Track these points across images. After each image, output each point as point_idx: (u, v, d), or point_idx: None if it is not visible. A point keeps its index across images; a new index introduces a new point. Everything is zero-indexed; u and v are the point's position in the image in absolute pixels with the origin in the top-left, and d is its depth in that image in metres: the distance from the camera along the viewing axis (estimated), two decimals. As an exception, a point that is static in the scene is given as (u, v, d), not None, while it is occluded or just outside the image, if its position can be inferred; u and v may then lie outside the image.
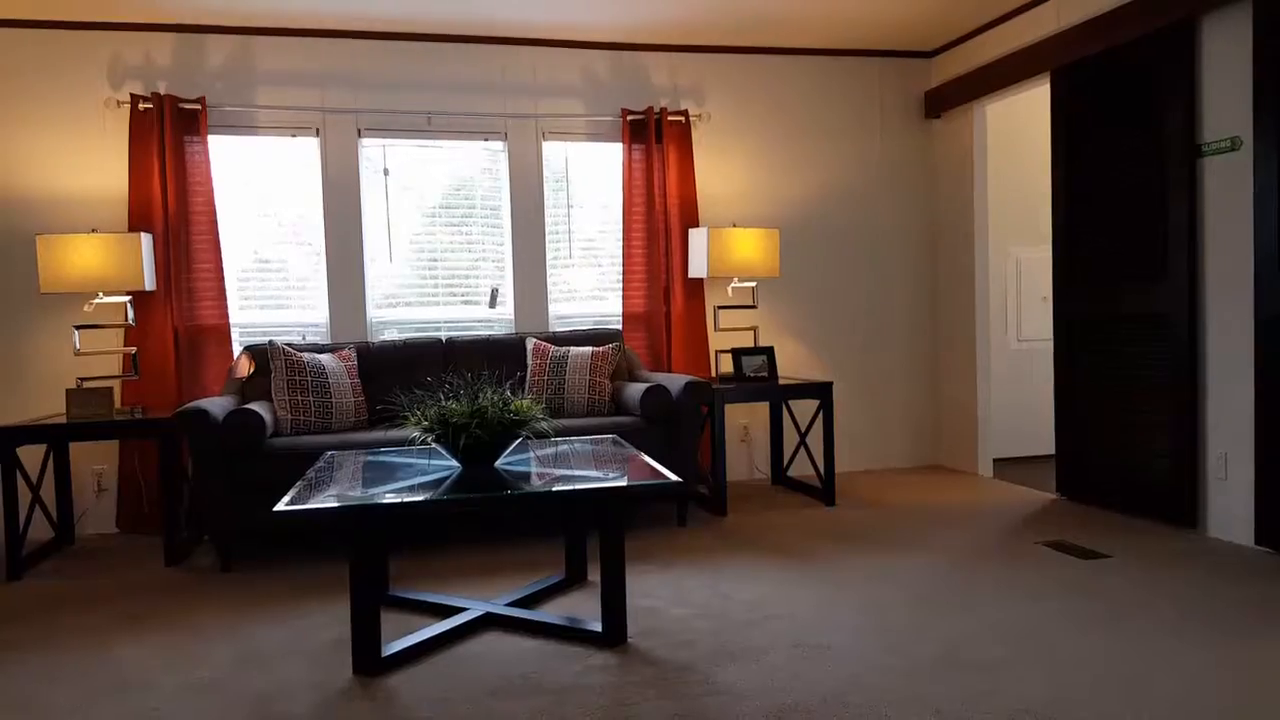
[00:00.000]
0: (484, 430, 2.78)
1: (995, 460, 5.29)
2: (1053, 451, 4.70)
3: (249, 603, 3.26)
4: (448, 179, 4.86)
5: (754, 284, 4.98)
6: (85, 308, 4.28)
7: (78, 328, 4.11)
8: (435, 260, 4.84)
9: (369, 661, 2.56)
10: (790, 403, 5.18)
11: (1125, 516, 4.12)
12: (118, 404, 4.31)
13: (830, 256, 5.34)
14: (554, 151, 4.96)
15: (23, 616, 3.17)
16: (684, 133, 4.97)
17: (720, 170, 5.16)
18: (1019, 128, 5.69)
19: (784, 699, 2.32)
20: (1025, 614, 2.90)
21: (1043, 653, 2.58)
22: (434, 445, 2.86)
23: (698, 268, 4.75)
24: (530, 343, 4.46)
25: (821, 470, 4.89)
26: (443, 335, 4.73)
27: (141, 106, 4.31)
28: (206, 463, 3.63)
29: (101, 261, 3.94)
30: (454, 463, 2.98)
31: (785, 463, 5.13)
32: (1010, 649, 2.61)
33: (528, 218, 4.89)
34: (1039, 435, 5.77)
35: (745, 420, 5.26)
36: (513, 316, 4.90)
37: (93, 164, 4.39)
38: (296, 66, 4.59)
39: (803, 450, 5.18)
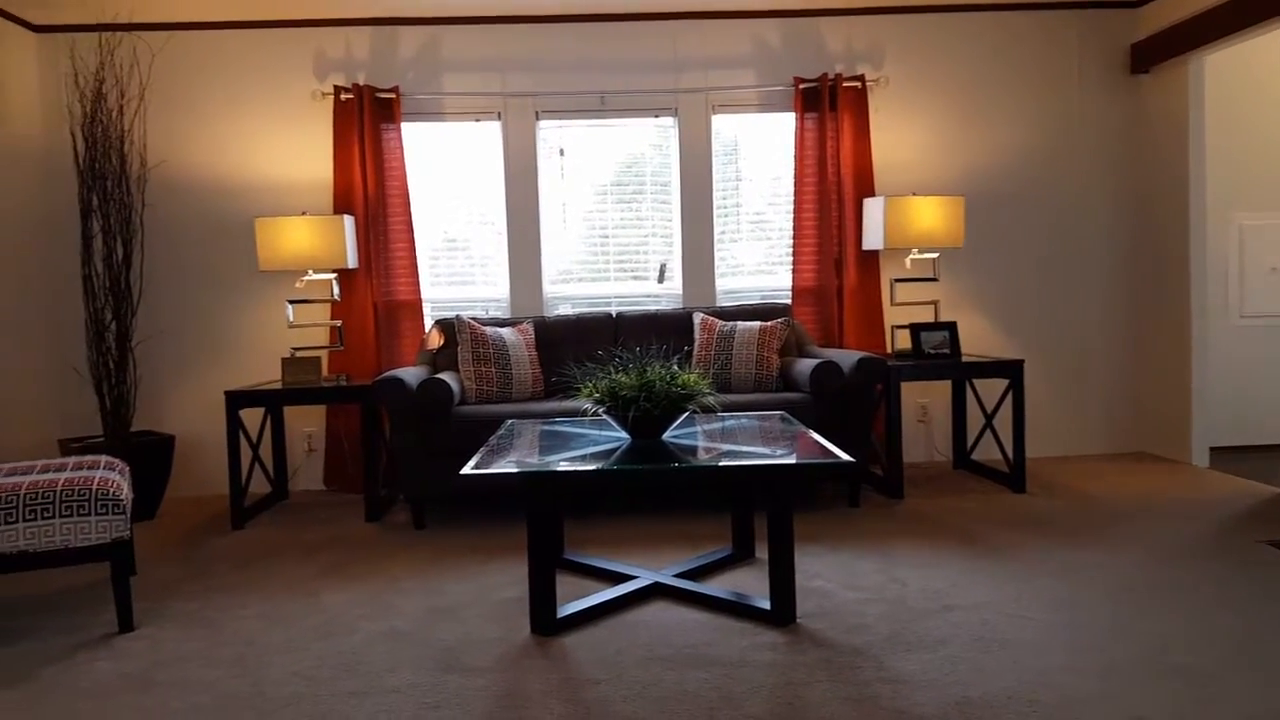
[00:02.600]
0: (652, 403, 2.83)
1: (1212, 449, 4.81)
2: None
3: (438, 559, 3.48)
4: (619, 156, 4.93)
5: (935, 255, 4.76)
6: (297, 284, 4.69)
7: (291, 302, 4.50)
8: (606, 237, 4.94)
9: (545, 621, 2.68)
10: (975, 382, 4.93)
11: (1366, 515, 3.66)
12: (325, 372, 4.70)
13: (1019, 225, 5.02)
14: (724, 124, 4.93)
15: (245, 563, 3.54)
16: (860, 99, 4.80)
17: (898, 136, 4.95)
18: (1244, 80, 5.10)
19: (965, 692, 2.23)
20: (1243, 619, 2.64)
21: (1265, 663, 2.34)
22: (605, 416, 2.94)
23: (873, 239, 4.59)
24: (697, 317, 4.47)
25: (1010, 454, 4.64)
26: (613, 310, 4.83)
27: (343, 97, 4.64)
28: (401, 428, 3.90)
29: (311, 242, 4.29)
30: (624, 434, 3.05)
31: (969, 445, 4.90)
32: (1225, 656, 2.39)
33: (696, 192, 4.89)
34: (1263, 422, 5.21)
35: (924, 399, 5.06)
36: (680, 291, 4.93)
37: (302, 152, 4.77)
38: (479, 54, 4.79)
39: (988, 433, 4.93)
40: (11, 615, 3.00)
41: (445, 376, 4.03)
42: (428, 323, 4.83)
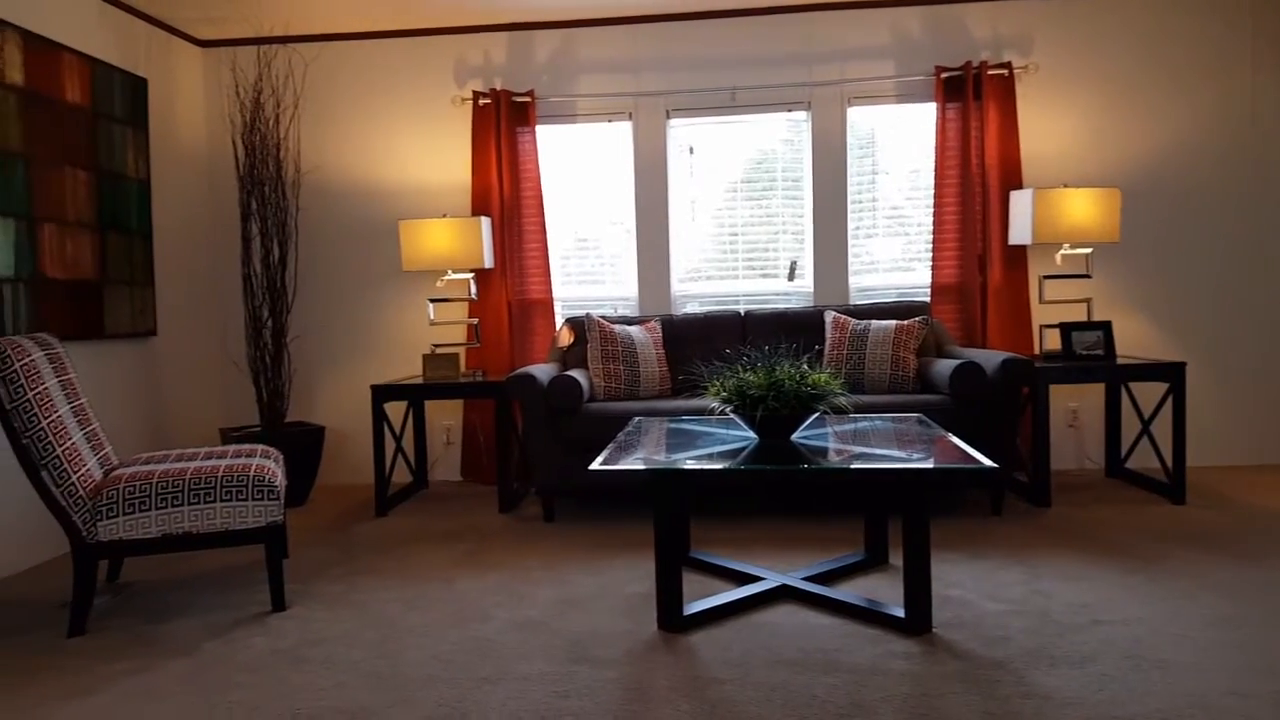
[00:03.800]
0: (780, 403, 2.78)
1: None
2: None
3: (567, 551, 3.54)
4: (749, 153, 4.88)
5: (1088, 251, 4.48)
6: (437, 283, 4.87)
7: (431, 301, 4.69)
8: (735, 234, 4.90)
9: (672, 618, 2.68)
10: (1131, 386, 4.61)
11: None
12: (462, 368, 4.86)
13: (1182, 218, 4.67)
14: (859, 117, 4.80)
15: (388, 549, 3.70)
16: (1006, 87, 4.57)
17: (1048, 126, 4.69)
18: None
19: (1113, 712, 2.09)
20: None
21: None
22: (732, 416, 2.91)
23: (1020, 233, 4.37)
24: (829, 315, 4.37)
25: (1169, 463, 4.32)
26: (741, 308, 4.78)
27: (481, 102, 4.79)
28: (533, 423, 3.99)
29: (450, 243, 4.44)
30: (751, 434, 3.01)
31: (1123, 453, 4.60)
32: None
33: (829, 187, 4.78)
34: None
35: (1074, 403, 4.78)
36: (811, 289, 4.84)
37: (442, 156, 4.96)
38: (612, 55, 4.85)
39: (1145, 440, 4.60)
40: (178, 592, 3.25)
41: (575, 374, 4.10)
42: (559, 321, 4.92)
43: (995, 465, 2.46)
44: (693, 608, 2.76)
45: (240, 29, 4.81)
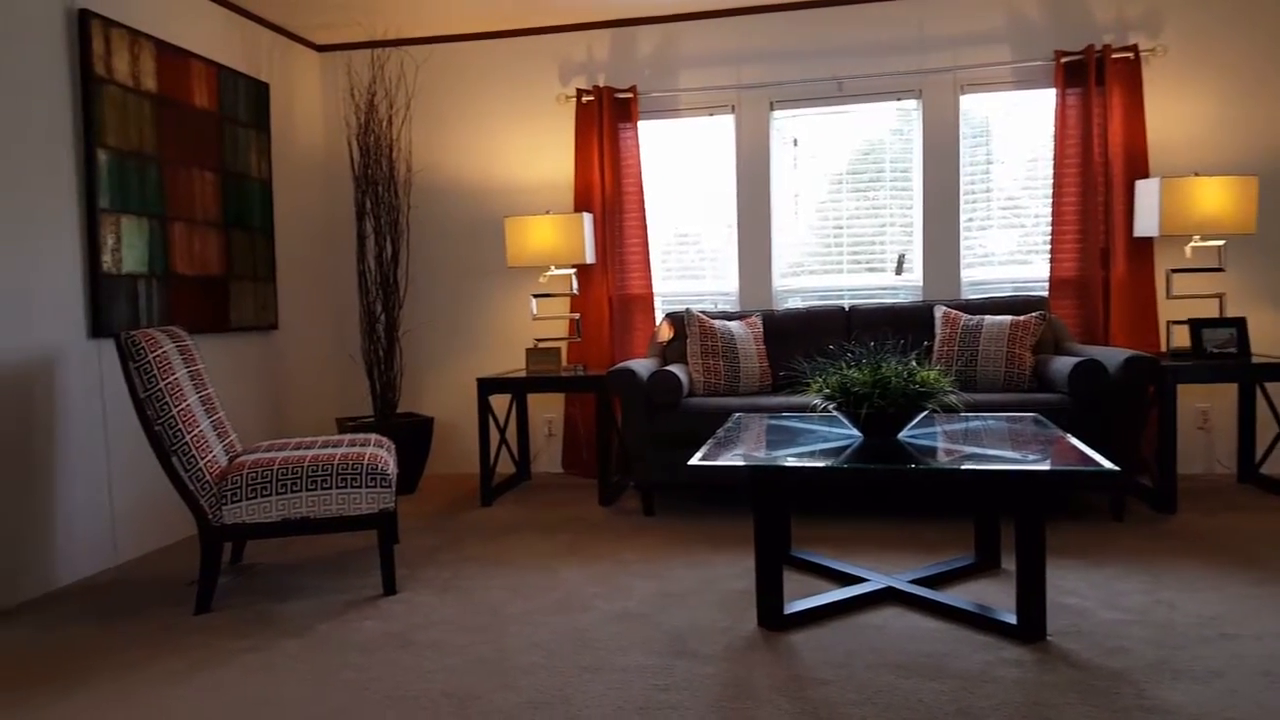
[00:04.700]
0: (886, 401, 2.71)
1: None
2: None
3: (667, 545, 3.55)
4: (856, 144, 4.78)
5: (1220, 243, 4.21)
6: (540, 279, 4.95)
7: (535, 296, 4.77)
8: (840, 228, 4.80)
9: (772, 616, 2.65)
10: (1266, 386, 4.31)
11: None
12: (564, 362, 4.93)
13: (1331, 206, 4.33)
14: (972, 104, 4.63)
15: (492, 537, 3.79)
16: (1132, 71, 4.33)
17: (1178, 111, 4.42)
18: None
19: (1245, 733, 1.96)
20: None
21: None
22: (835, 413, 2.85)
23: (1146, 225, 4.14)
24: (939, 310, 4.24)
25: (1308, 468, 4.02)
26: (845, 303, 4.68)
27: (584, 99, 4.83)
28: (632, 417, 4.01)
29: (553, 239, 4.51)
30: (855, 432, 2.94)
31: (1258, 457, 4.30)
32: None
33: (940, 178, 4.63)
34: None
35: (1205, 404, 4.50)
36: (920, 283, 4.70)
37: (546, 153, 5.03)
38: (714, 48, 4.81)
39: (1281, 442, 4.30)
40: (296, 574, 3.40)
41: (674, 369, 4.10)
42: (658, 316, 4.93)
43: (1117, 468, 2.34)
44: (794, 606, 2.72)
45: (355, 33, 5.00)
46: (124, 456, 3.62)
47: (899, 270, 4.74)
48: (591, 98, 4.81)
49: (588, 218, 4.63)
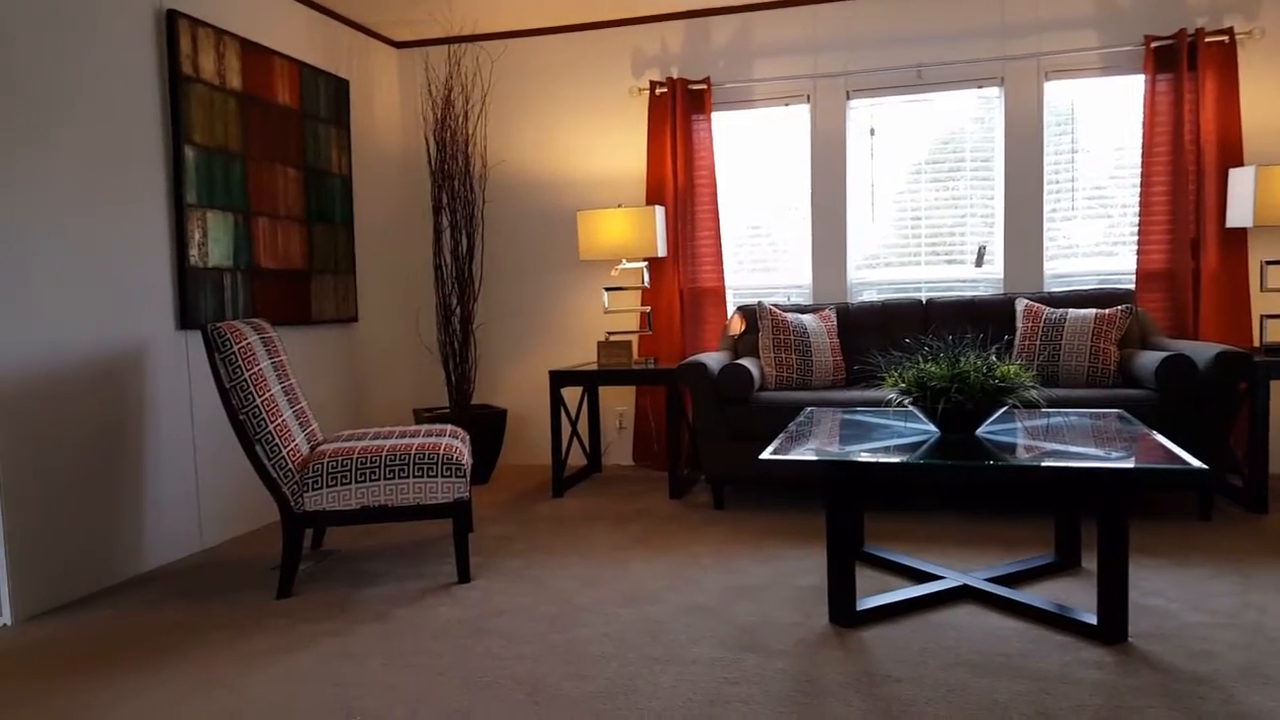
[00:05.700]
0: (964, 396, 2.65)
1: None
2: None
3: (737, 540, 3.54)
4: (935, 133, 4.67)
5: (1323, 233, 4.00)
6: (612, 272, 4.98)
7: (606, 289, 4.80)
8: (918, 219, 4.70)
9: (844, 612, 2.63)
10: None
11: None
12: (635, 355, 4.95)
13: None
14: (1057, 92, 4.49)
15: (564, 528, 3.83)
16: (1227, 55, 4.14)
17: (1276, 96, 4.21)
18: None
19: (1345, 747, 1.87)
20: None
21: None
22: (910, 408, 2.80)
23: (1239, 215, 3.95)
24: (1020, 303, 4.12)
25: None
26: (922, 296, 4.59)
27: (658, 91, 4.83)
28: (703, 411, 4.01)
29: (625, 233, 4.53)
30: (931, 427, 2.89)
31: (1361, 457, 4.08)
32: None
33: (1023, 167, 4.50)
34: None
35: (1302, 401, 4.29)
36: (1001, 276, 4.58)
37: (619, 146, 5.05)
38: (789, 36, 4.76)
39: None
40: (373, 561, 3.50)
41: (746, 362, 4.08)
42: (730, 309, 4.91)
43: (1205, 467, 2.25)
44: (866, 603, 2.69)
45: (432, 30, 5.09)
46: (210, 445, 3.77)
47: (979, 262, 4.62)
48: (665, 90, 4.81)
49: (659, 211, 4.64)
